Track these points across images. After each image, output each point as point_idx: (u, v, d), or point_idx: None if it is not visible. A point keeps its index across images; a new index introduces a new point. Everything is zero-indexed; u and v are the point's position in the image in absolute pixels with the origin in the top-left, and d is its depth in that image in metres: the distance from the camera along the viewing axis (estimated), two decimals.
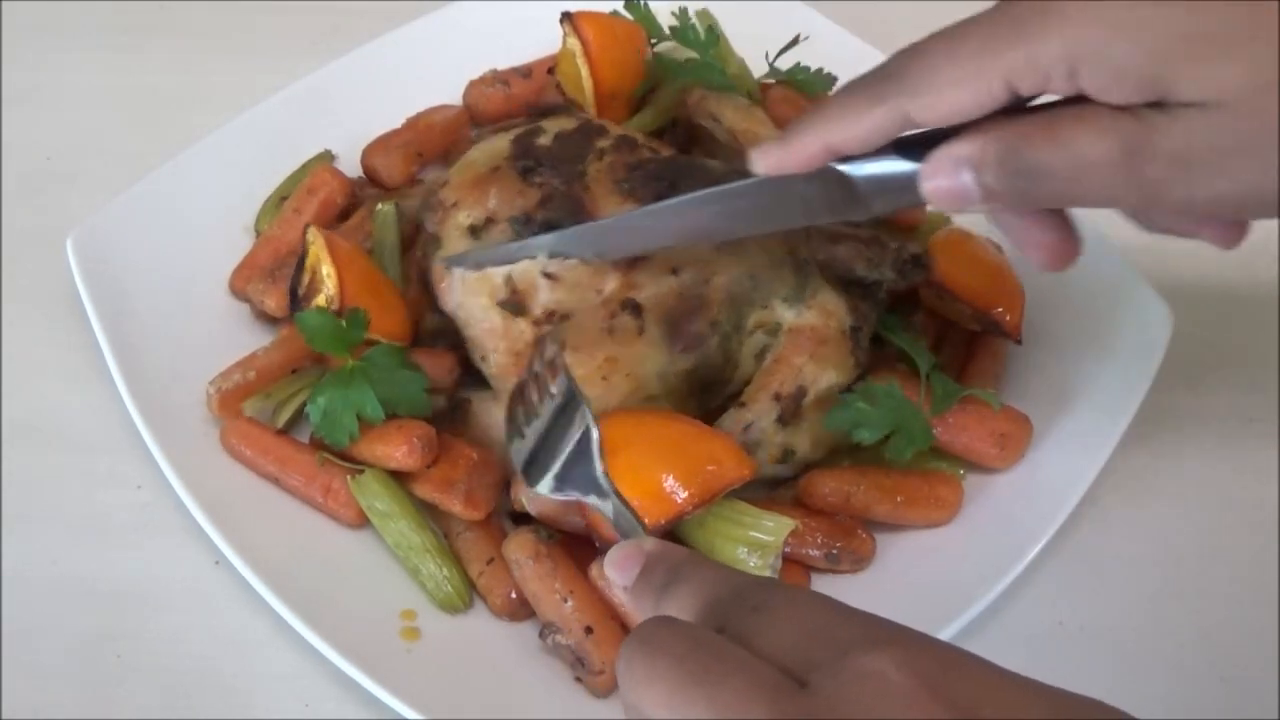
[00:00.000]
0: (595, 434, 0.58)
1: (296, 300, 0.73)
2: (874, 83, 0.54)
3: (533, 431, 0.61)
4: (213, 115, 0.84)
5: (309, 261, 0.72)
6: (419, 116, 0.87)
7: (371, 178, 0.85)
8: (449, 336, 0.73)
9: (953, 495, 0.72)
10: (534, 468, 0.61)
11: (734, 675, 0.39)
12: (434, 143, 0.86)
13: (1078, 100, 0.50)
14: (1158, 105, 0.48)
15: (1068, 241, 0.57)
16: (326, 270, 0.71)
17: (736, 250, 0.70)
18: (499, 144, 0.74)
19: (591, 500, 0.58)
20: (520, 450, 0.62)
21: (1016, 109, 0.52)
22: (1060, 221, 0.56)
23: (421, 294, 0.74)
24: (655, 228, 0.66)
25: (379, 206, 0.79)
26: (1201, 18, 0.46)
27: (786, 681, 0.39)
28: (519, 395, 0.63)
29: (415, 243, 0.78)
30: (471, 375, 0.73)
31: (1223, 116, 0.47)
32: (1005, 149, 0.51)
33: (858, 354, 0.72)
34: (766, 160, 0.58)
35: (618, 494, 0.57)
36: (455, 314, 0.71)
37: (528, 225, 0.69)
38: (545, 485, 0.60)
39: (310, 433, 0.73)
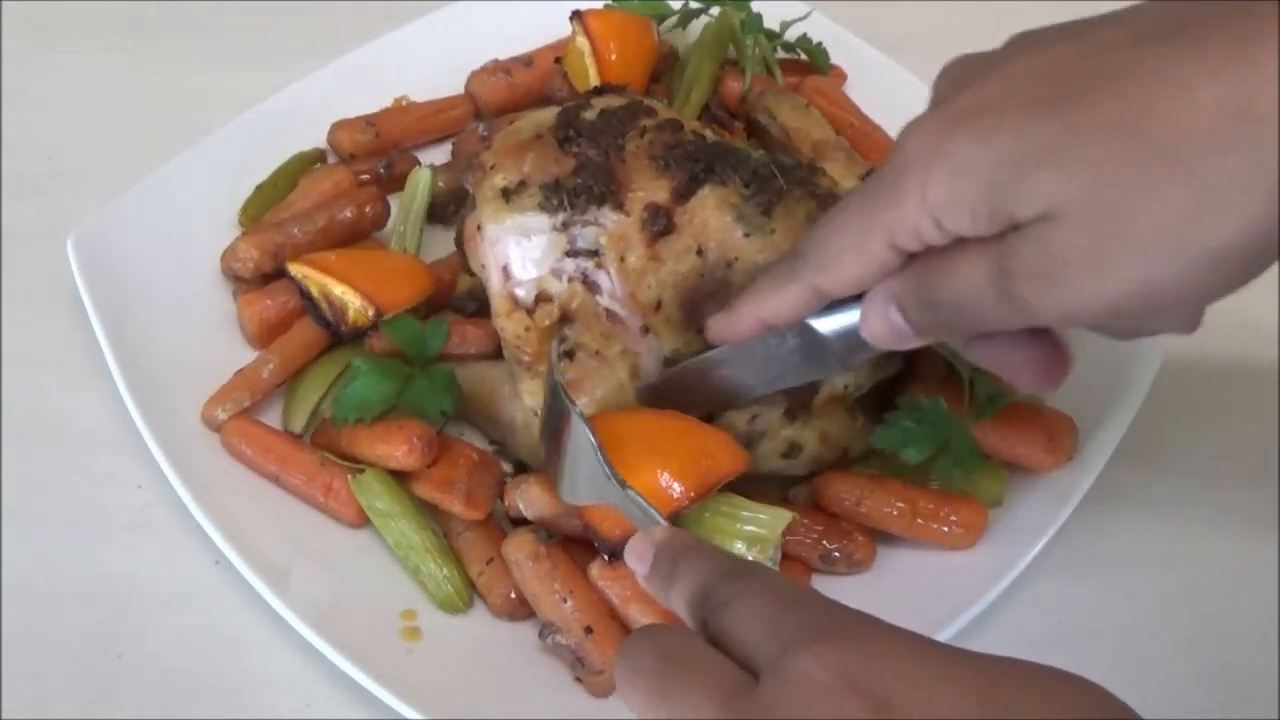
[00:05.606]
0: (591, 435, 0.59)
1: (336, 328, 0.73)
2: (789, 262, 0.58)
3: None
4: (213, 115, 0.84)
5: (316, 293, 0.72)
6: (411, 104, 0.89)
7: (333, 148, 0.86)
8: (480, 297, 0.73)
9: (975, 519, 0.70)
10: (563, 484, 0.63)
11: (691, 688, 0.42)
12: (394, 125, 0.87)
13: None
14: (1015, 228, 0.48)
15: (1049, 360, 0.56)
16: (339, 290, 0.72)
17: (764, 238, 0.69)
18: (546, 115, 0.74)
19: (610, 499, 0.59)
20: (557, 474, 0.63)
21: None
22: (1033, 339, 0.56)
23: (460, 255, 0.74)
24: (691, 386, 0.68)
25: (415, 168, 0.83)
26: (1025, 139, 0.46)
27: (741, 684, 0.42)
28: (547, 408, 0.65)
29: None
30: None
31: (1060, 227, 0.46)
32: (915, 283, 0.53)
33: (879, 357, 0.70)
34: (714, 329, 0.64)
35: (625, 484, 0.58)
36: (480, 274, 0.71)
37: (556, 191, 0.69)
38: (580, 498, 0.62)
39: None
